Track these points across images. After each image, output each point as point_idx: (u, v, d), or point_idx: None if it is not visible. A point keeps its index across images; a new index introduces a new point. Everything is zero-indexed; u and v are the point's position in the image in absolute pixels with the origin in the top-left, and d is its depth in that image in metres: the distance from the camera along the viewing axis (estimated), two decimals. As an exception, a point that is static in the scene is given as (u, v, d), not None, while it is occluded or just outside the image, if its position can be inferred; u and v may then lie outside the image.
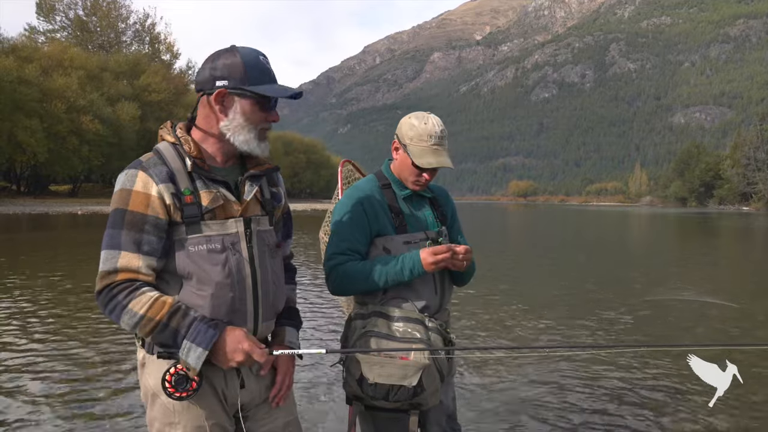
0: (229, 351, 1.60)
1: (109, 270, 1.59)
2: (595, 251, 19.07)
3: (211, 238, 1.64)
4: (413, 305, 2.14)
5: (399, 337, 2.03)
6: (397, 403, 2.01)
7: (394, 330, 2.05)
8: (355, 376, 2.01)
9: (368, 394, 2.00)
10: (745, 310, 8.16)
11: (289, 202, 2.00)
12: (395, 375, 1.96)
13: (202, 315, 1.61)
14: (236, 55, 1.65)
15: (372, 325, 2.07)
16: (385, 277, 2.09)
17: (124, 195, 1.61)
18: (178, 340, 1.58)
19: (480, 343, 6.15)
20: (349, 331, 2.15)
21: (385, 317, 2.09)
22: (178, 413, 1.67)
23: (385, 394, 1.98)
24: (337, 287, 2.17)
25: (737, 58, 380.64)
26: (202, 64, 1.71)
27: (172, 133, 1.71)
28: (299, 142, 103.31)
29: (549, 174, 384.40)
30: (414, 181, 2.24)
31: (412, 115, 2.27)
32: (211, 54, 1.70)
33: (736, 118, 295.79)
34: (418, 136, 2.17)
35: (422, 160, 2.16)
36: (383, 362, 1.97)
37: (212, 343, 1.57)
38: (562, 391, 4.59)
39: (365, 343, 2.04)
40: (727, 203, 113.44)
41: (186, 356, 1.57)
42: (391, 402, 2.00)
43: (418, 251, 2.10)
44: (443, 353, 2.07)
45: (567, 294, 9.50)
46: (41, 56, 53.99)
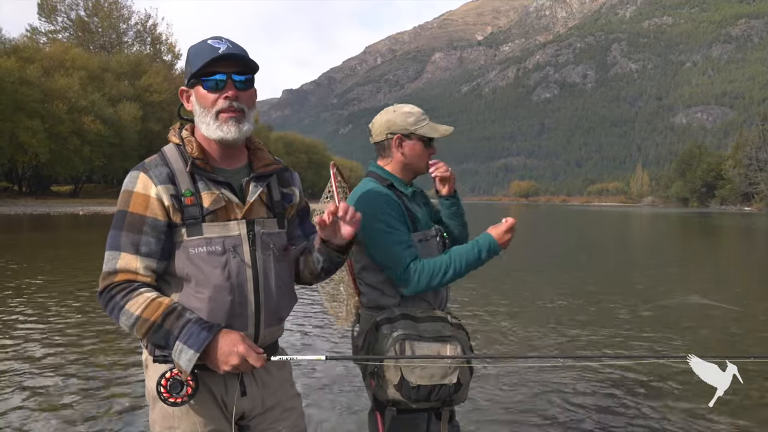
0: (223, 354, 1.55)
1: (109, 271, 1.59)
2: (597, 252, 19.03)
3: (212, 240, 1.62)
4: (427, 303, 2.20)
5: (428, 337, 2.05)
6: (437, 402, 2.03)
7: (422, 331, 2.06)
8: (394, 381, 2.00)
9: (410, 397, 1.99)
10: (747, 312, 8.13)
11: (304, 200, 1.96)
12: (437, 375, 1.99)
13: (197, 317, 1.58)
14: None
15: (402, 328, 2.06)
16: (465, 265, 2.14)
17: (125, 196, 1.61)
18: (170, 342, 1.55)
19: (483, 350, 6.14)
20: (378, 335, 2.09)
21: (412, 319, 2.10)
22: (177, 418, 1.66)
23: (428, 395, 1.99)
24: (422, 285, 2.13)
25: (739, 58, 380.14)
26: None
27: (178, 135, 1.70)
28: (300, 143, 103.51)
29: (550, 174, 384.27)
30: (427, 164, 2.32)
31: (394, 108, 2.31)
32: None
33: (738, 119, 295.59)
34: (417, 118, 2.25)
35: (440, 130, 2.28)
36: (424, 364, 2.00)
37: (204, 345, 1.53)
38: (555, 386, 4.57)
39: (403, 347, 2.02)
40: (729, 203, 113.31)
41: (178, 358, 1.54)
42: (431, 402, 2.02)
43: (487, 233, 2.18)
44: (468, 359, 2.11)
45: (569, 295, 9.47)
46: (43, 57, 54.18)
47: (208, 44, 1.62)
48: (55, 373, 4.87)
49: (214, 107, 1.62)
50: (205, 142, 1.68)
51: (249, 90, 1.67)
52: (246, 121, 1.65)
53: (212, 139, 1.65)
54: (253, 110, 1.70)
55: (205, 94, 1.62)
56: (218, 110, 1.62)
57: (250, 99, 1.68)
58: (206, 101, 1.62)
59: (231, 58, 1.60)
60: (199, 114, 1.65)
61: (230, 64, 1.61)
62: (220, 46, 1.61)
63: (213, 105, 1.62)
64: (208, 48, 1.61)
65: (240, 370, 1.58)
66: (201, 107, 1.63)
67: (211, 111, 1.62)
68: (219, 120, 1.62)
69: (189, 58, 1.65)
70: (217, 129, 1.62)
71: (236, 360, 1.55)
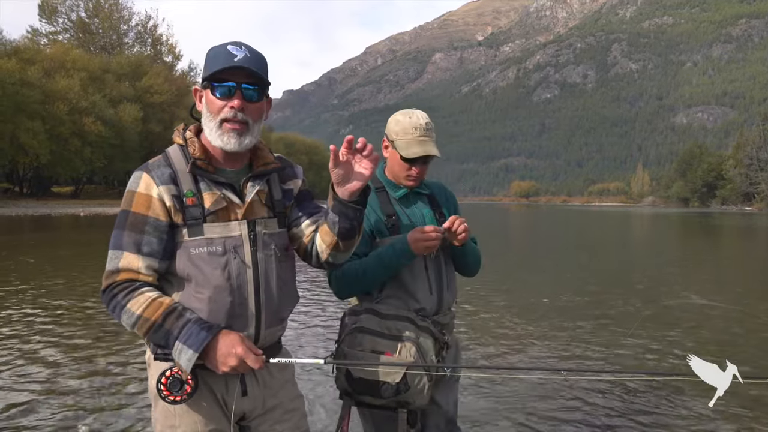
0: (221, 355, 1.56)
1: (112, 270, 1.60)
2: (598, 252, 19.02)
3: (213, 240, 1.62)
4: (406, 305, 2.16)
5: (387, 334, 2.04)
6: (384, 400, 2.01)
7: (383, 327, 2.05)
8: (343, 371, 2.03)
9: (355, 389, 2.03)
10: (748, 312, 8.13)
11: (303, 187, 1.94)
12: (379, 371, 1.98)
13: (197, 317, 1.59)
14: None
15: (363, 321, 2.07)
16: (381, 266, 2.10)
17: (128, 196, 1.63)
18: (170, 342, 1.57)
19: (481, 353, 6.13)
20: (341, 327, 2.17)
21: (377, 314, 2.09)
22: (179, 416, 1.66)
23: (370, 389, 1.99)
24: (340, 290, 2.17)
25: (739, 57, 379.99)
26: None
27: (181, 135, 1.71)
28: (301, 144, 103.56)
29: (551, 174, 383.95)
30: (406, 176, 2.24)
31: (398, 112, 2.28)
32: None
33: (739, 118, 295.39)
34: (403, 129, 2.18)
35: (408, 151, 2.16)
36: (368, 358, 2.00)
37: (203, 345, 1.54)
38: (553, 387, 4.57)
39: (354, 338, 2.05)
40: (730, 203, 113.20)
41: (178, 358, 1.56)
42: (376, 398, 2.02)
43: (407, 235, 2.10)
44: (435, 367, 2.06)
45: (571, 294, 9.46)
46: (43, 58, 54.22)
47: (227, 50, 1.61)
48: (56, 373, 4.88)
49: (219, 115, 1.62)
50: (209, 143, 1.69)
51: (257, 102, 1.66)
52: (248, 134, 1.65)
53: (214, 145, 1.67)
54: (259, 123, 1.69)
55: (214, 99, 1.62)
56: (223, 118, 1.62)
57: (257, 111, 1.67)
58: (213, 107, 1.63)
59: (244, 69, 1.60)
60: (205, 117, 1.66)
61: (243, 73, 1.61)
62: (237, 54, 1.60)
63: (219, 112, 1.62)
64: (226, 53, 1.60)
65: (238, 371, 1.58)
66: (208, 112, 1.64)
67: (216, 118, 1.62)
68: (222, 129, 1.62)
69: (207, 59, 1.64)
70: (218, 138, 1.63)
71: (234, 361, 1.55)
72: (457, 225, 2.11)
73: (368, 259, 2.12)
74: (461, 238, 2.13)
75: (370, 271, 2.10)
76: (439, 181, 2.49)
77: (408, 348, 2.00)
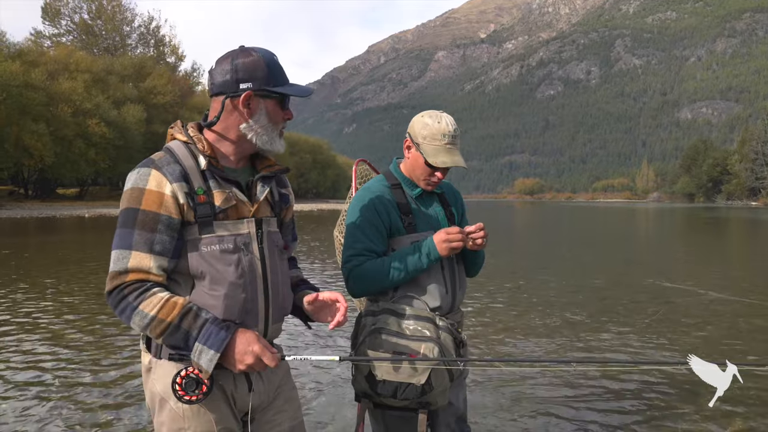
0: (239, 354, 1.58)
1: (119, 270, 1.57)
2: (604, 247, 18.97)
3: (224, 238, 1.64)
4: (424, 304, 2.15)
5: (409, 335, 2.03)
6: (405, 402, 1.99)
7: (404, 328, 2.05)
8: (364, 373, 2.01)
9: (377, 391, 2.00)
10: (754, 307, 8.08)
11: (294, 203, 1.99)
12: (404, 373, 1.96)
13: (213, 316, 1.60)
14: (255, 57, 1.66)
15: (382, 322, 2.06)
16: (405, 268, 2.10)
17: (136, 194, 1.59)
18: (189, 342, 1.56)
19: (487, 349, 6.11)
20: (359, 328, 2.15)
21: (396, 315, 2.08)
22: (188, 419, 1.64)
23: (393, 391, 1.97)
24: (358, 288, 2.16)
25: (744, 52, 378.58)
26: (216, 66, 1.69)
27: (184, 133, 1.70)
28: (305, 143, 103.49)
29: (555, 171, 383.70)
30: (426, 180, 2.23)
31: (425, 113, 2.24)
32: (224, 56, 1.69)
33: (744, 113, 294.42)
34: (431, 135, 2.15)
35: (436, 159, 2.14)
36: (392, 359, 1.98)
37: (224, 345, 1.55)
38: (556, 388, 4.55)
39: (375, 339, 2.04)
40: (735, 198, 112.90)
41: (198, 359, 1.55)
42: (399, 400, 1.99)
43: (432, 236, 2.12)
44: (453, 361, 2.07)
45: (577, 292, 9.44)
46: (47, 60, 54.31)
47: (278, 63, 1.71)
48: (57, 371, 4.88)
49: (280, 124, 1.73)
50: (215, 141, 1.71)
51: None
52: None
53: (263, 149, 1.73)
54: None
55: (278, 110, 1.71)
56: (282, 126, 1.75)
57: None
58: (277, 117, 1.71)
59: (301, 95, 1.74)
60: (261, 124, 1.69)
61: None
62: (288, 78, 1.73)
63: (280, 121, 1.73)
64: (283, 70, 1.72)
65: (254, 369, 1.60)
66: (269, 119, 1.70)
67: (278, 126, 1.73)
68: (280, 135, 1.75)
69: (270, 68, 1.68)
70: (278, 144, 1.74)
71: (251, 359, 1.57)
72: (481, 232, 2.14)
73: (390, 260, 2.11)
74: (480, 243, 2.15)
75: (394, 271, 2.09)
76: (449, 182, 2.49)
77: (431, 348, 1.99)
